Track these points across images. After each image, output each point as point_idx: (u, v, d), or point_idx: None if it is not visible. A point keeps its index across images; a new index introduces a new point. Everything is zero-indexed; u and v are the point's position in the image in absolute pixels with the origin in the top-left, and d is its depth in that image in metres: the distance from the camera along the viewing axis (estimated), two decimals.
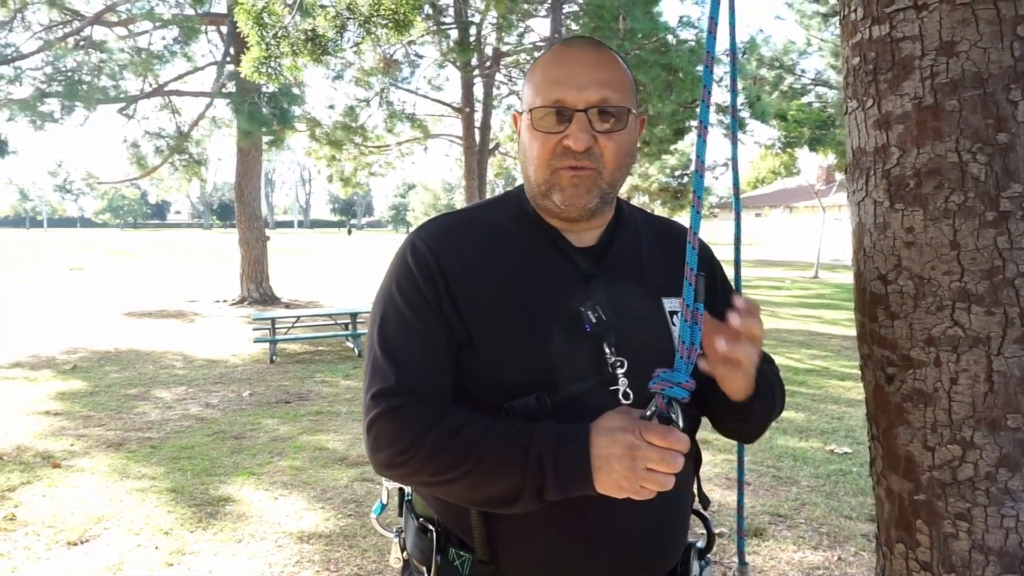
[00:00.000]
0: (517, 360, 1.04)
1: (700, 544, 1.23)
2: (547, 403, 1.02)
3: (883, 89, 1.12)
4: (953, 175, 1.04)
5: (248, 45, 6.07)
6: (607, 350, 1.04)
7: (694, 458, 1.21)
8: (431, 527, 1.13)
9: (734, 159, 1.40)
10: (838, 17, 1.27)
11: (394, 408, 1.01)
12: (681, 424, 0.94)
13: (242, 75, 6.25)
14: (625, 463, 0.90)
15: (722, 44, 1.08)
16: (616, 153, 1.06)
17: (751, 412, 1.09)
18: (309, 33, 6.37)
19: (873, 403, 1.20)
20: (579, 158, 1.03)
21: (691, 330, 0.94)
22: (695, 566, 1.19)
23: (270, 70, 6.14)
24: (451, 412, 1.02)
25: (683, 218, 1.30)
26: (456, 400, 1.06)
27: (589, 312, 1.05)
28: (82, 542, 3.39)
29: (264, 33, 5.88)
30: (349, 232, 71.37)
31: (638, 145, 1.16)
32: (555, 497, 0.96)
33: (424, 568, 1.13)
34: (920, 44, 1.07)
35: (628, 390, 1.04)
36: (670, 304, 1.13)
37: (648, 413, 0.94)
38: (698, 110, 1.00)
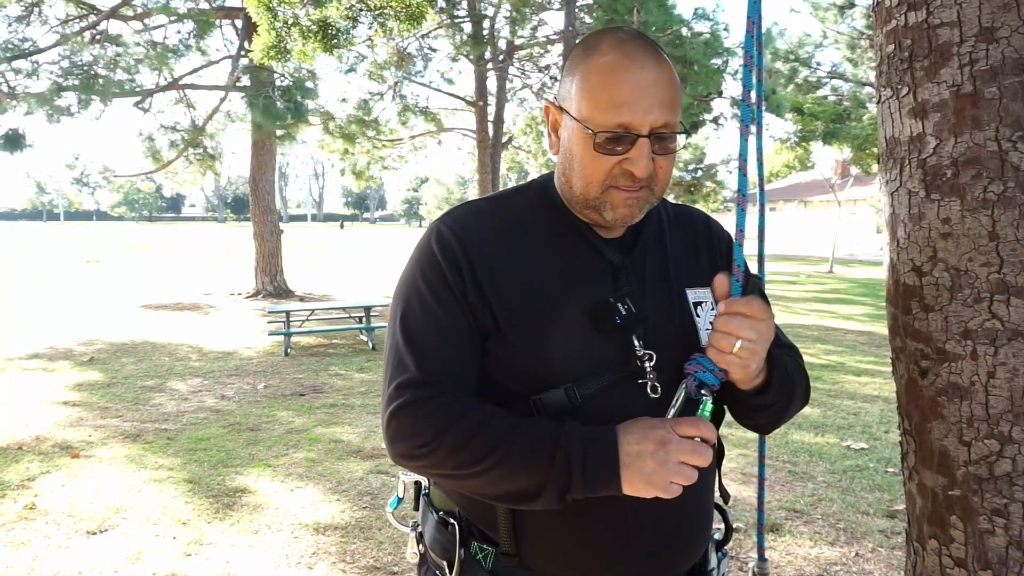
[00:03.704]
0: (546, 351, 1.02)
1: (717, 536, 1.22)
2: (576, 396, 1.01)
3: (919, 77, 1.10)
4: (992, 164, 1.02)
5: (258, 31, 6.10)
6: (636, 343, 1.03)
7: (717, 452, 1.20)
8: (452, 520, 1.11)
9: (759, 151, 1.38)
10: (870, 5, 1.24)
11: (417, 400, 0.99)
12: (711, 407, 0.97)
13: (252, 61, 6.28)
14: (658, 458, 0.91)
15: (742, 36, 1.07)
16: (667, 171, 1.05)
17: (764, 404, 1.07)
18: (320, 22, 6.38)
19: (905, 397, 1.17)
20: (637, 181, 1.01)
21: None
22: (712, 558, 1.19)
23: (279, 54, 6.17)
24: (475, 406, 1.00)
25: None
26: (483, 390, 1.05)
27: (619, 304, 1.04)
28: (101, 531, 3.42)
29: (275, 20, 5.90)
30: (341, 226, 71.68)
31: None
32: (579, 496, 0.95)
33: (444, 562, 1.11)
34: (958, 30, 1.04)
35: (656, 384, 1.03)
36: (694, 295, 1.12)
37: (679, 394, 0.98)
38: (736, 109, 1.00)
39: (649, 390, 1.03)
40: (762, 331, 0.95)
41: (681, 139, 1.06)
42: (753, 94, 1.04)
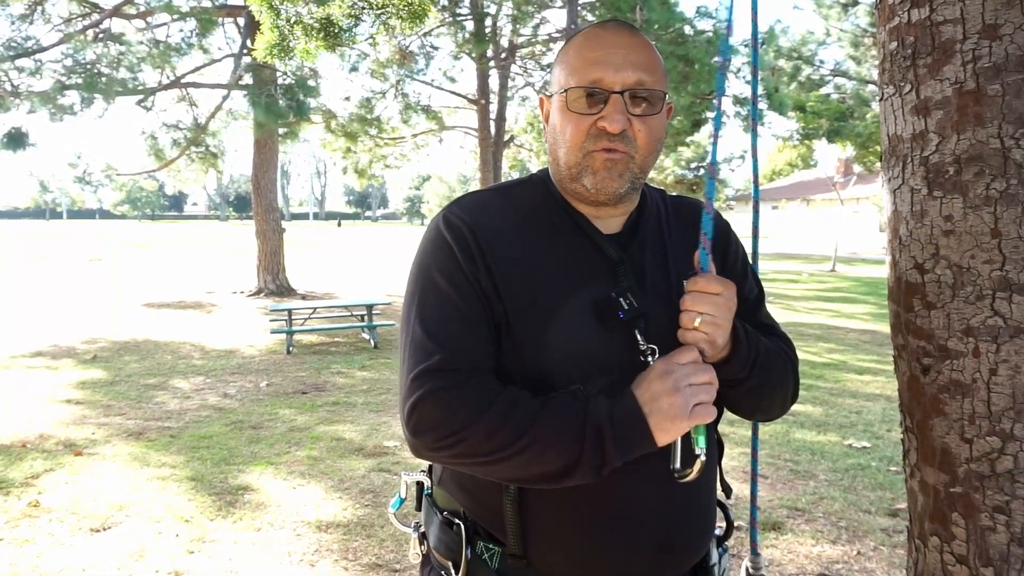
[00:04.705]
0: (554, 348, 1.02)
1: (718, 532, 1.22)
2: (584, 397, 1.00)
3: (922, 74, 1.10)
4: (995, 161, 1.02)
5: (261, 30, 6.11)
6: (639, 337, 1.02)
7: (717, 448, 1.20)
8: (457, 520, 1.10)
9: (754, 147, 1.38)
10: (873, 2, 1.24)
11: (441, 388, 0.97)
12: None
13: (256, 59, 6.30)
14: (669, 390, 0.93)
15: (744, 33, 1.08)
16: (649, 138, 1.04)
17: (733, 377, 1.06)
18: (323, 21, 6.38)
19: (907, 394, 1.17)
20: (613, 140, 1.01)
21: None
22: (714, 553, 1.18)
23: (282, 53, 6.17)
24: (500, 391, 0.99)
25: None
26: None
27: (621, 298, 1.03)
28: (104, 529, 3.43)
29: (278, 18, 5.91)
30: (339, 224, 71.87)
31: None
32: (617, 462, 0.95)
33: (449, 562, 1.11)
34: (962, 27, 1.04)
35: None
36: None
37: None
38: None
39: None
40: (719, 304, 0.98)
41: (664, 107, 1.06)
42: (727, 97, 1.05)
